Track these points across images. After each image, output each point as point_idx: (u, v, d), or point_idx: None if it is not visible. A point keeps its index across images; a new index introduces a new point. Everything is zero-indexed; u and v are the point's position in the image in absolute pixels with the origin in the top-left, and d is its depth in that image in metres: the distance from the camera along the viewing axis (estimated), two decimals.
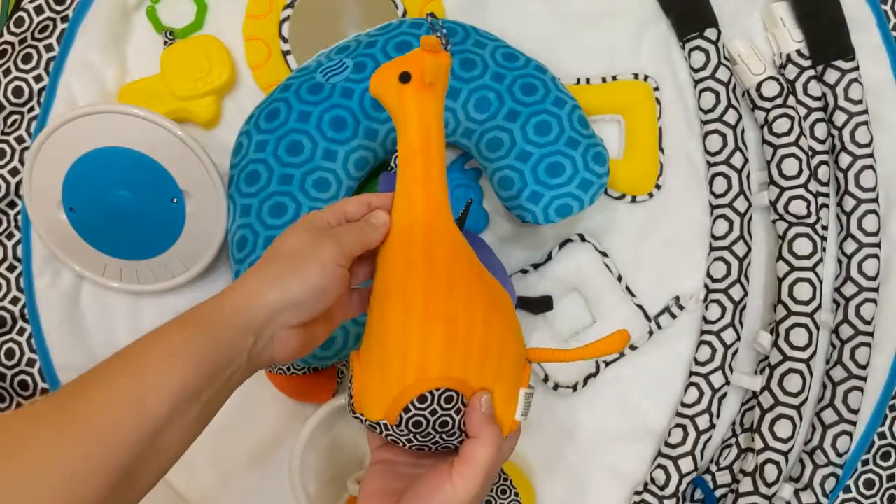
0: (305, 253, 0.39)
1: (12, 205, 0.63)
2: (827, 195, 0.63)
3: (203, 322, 0.36)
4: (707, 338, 0.62)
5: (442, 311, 0.39)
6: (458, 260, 0.41)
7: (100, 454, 0.31)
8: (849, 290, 0.61)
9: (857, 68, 0.62)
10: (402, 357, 0.38)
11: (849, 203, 0.62)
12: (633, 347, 0.62)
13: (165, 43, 0.63)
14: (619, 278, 0.63)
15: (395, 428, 0.39)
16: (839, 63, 0.62)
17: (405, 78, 0.41)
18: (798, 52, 0.63)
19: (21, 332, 0.63)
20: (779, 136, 0.61)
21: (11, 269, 0.63)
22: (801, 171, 0.60)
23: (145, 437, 0.33)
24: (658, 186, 0.63)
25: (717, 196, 0.63)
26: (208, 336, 0.36)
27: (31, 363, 0.63)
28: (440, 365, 0.38)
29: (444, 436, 0.39)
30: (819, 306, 0.59)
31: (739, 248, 0.62)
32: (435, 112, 0.42)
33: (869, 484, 0.63)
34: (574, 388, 0.61)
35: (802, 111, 0.63)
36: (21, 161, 0.62)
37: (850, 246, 0.62)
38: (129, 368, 0.34)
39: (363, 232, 0.41)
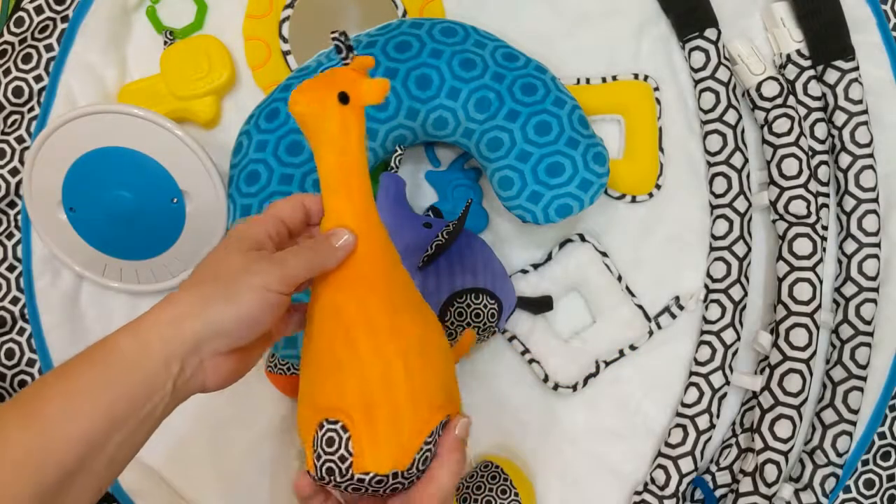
0: (238, 277, 0.35)
1: (12, 205, 0.63)
2: (827, 195, 0.63)
3: (115, 355, 0.33)
4: (707, 338, 0.62)
5: (423, 341, 0.39)
6: (408, 287, 0.40)
7: None
8: (849, 290, 0.61)
9: (857, 68, 0.62)
10: (413, 395, 0.37)
11: (849, 203, 0.62)
12: (633, 347, 0.62)
13: (165, 43, 0.63)
14: (619, 278, 0.63)
15: (403, 473, 0.37)
16: (839, 63, 0.62)
17: (344, 99, 0.38)
18: (798, 52, 0.63)
19: (21, 332, 0.63)
20: (779, 136, 0.61)
21: (11, 269, 0.63)
22: (801, 171, 0.60)
23: (47, 493, 0.30)
24: (658, 186, 0.63)
25: (717, 196, 0.63)
26: (121, 371, 0.32)
27: (31, 363, 0.63)
28: (443, 394, 0.38)
29: (423, 472, 0.39)
30: (819, 306, 0.59)
31: (739, 248, 0.62)
32: (363, 132, 0.40)
33: (869, 484, 0.63)
34: (574, 388, 0.61)
35: (802, 111, 0.63)
36: (21, 161, 0.62)
37: (850, 246, 0.62)
38: (24, 417, 0.31)
39: (317, 254, 0.37)
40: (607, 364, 0.62)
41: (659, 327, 0.63)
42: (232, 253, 0.36)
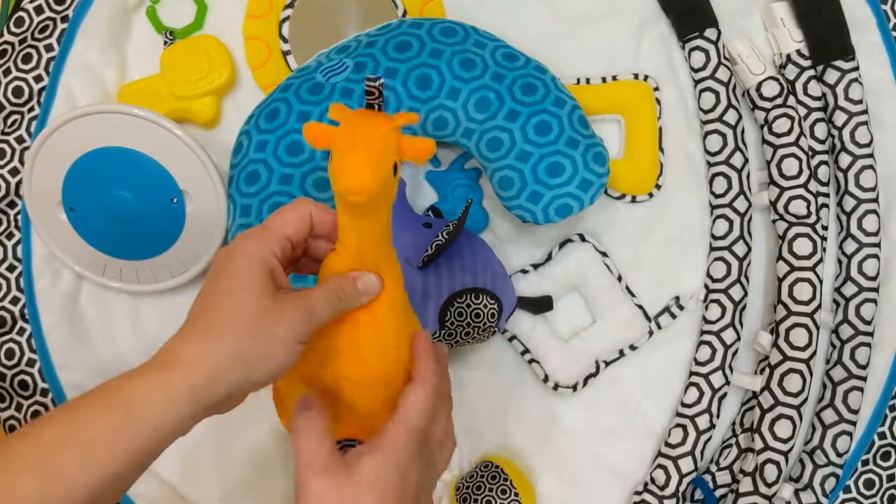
0: (269, 328, 0.34)
1: (12, 205, 0.63)
2: (827, 195, 0.63)
3: (140, 407, 0.32)
4: (707, 338, 0.62)
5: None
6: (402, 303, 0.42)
7: None
8: (849, 290, 0.61)
9: (857, 68, 0.62)
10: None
11: (849, 203, 0.62)
12: (633, 347, 0.62)
13: (165, 43, 0.63)
14: (619, 278, 0.63)
15: None
16: (839, 63, 0.62)
17: (396, 169, 0.36)
18: (798, 52, 0.63)
19: (21, 332, 0.63)
20: (779, 136, 0.61)
21: (11, 269, 0.63)
22: (801, 171, 0.60)
23: None
24: (658, 186, 0.63)
25: (717, 196, 0.63)
26: (144, 421, 0.31)
27: (31, 363, 0.63)
28: None
29: None
30: (819, 306, 0.59)
31: (739, 248, 0.62)
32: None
33: (869, 484, 0.63)
34: (574, 388, 0.61)
35: (802, 111, 0.63)
36: (21, 161, 0.62)
37: (850, 246, 0.62)
38: (31, 460, 0.29)
39: (342, 300, 0.36)
40: (607, 364, 0.62)
41: (659, 327, 0.63)
42: (256, 292, 0.35)
